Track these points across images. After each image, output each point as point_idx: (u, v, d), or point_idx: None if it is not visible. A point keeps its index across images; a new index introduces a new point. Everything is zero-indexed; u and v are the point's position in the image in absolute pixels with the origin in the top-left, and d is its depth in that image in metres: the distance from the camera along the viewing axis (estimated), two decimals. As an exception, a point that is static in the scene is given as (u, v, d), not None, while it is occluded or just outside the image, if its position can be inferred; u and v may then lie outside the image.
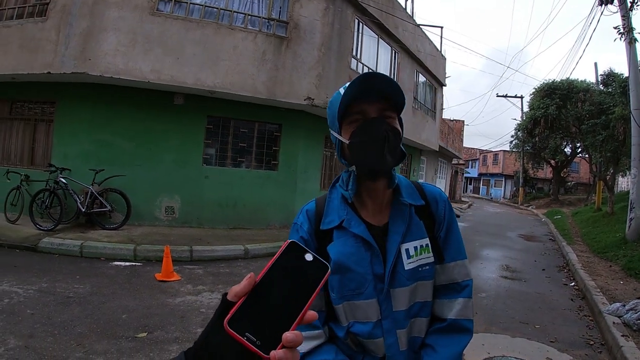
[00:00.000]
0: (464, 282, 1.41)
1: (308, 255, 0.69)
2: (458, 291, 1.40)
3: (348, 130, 1.30)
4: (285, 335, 0.59)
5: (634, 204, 10.58)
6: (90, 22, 8.61)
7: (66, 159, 9.28)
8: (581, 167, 43.56)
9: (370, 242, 1.32)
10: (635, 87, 10.86)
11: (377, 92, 1.26)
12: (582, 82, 23.78)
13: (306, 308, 0.64)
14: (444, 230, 1.43)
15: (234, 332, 0.59)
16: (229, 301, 0.63)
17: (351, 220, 1.35)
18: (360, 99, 1.26)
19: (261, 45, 9.73)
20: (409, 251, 1.33)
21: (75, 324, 4.29)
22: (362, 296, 1.31)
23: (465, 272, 1.43)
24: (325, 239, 1.37)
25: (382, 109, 1.28)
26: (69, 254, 7.06)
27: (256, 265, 7.48)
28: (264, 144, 10.99)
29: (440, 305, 1.40)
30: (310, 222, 1.41)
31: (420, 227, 1.37)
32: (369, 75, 1.23)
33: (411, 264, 1.33)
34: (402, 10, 14.76)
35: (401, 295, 1.32)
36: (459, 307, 1.38)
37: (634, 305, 5.63)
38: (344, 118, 1.30)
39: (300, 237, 1.39)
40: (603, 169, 19.02)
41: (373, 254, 1.32)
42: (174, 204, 9.94)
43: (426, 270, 1.35)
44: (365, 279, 1.31)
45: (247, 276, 0.65)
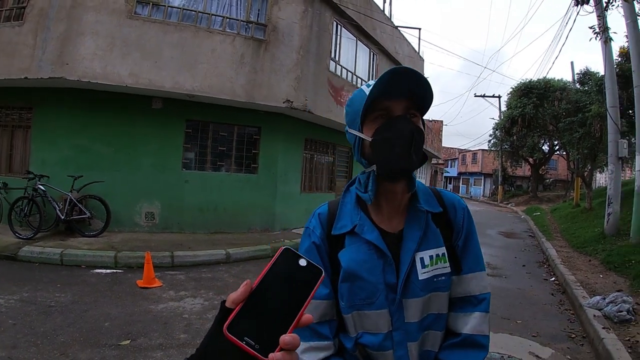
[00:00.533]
0: (481, 295, 1.34)
1: (302, 260, 0.71)
2: (474, 304, 1.33)
3: (371, 128, 1.24)
4: (283, 338, 0.62)
5: (611, 199, 10.79)
6: (68, 26, 8.51)
7: (44, 165, 9.14)
8: (559, 164, 44.13)
9: (383, 250, 1.26)
10: (611, 85, 11.08)
11: (402, 90, 1.20)
12: (558, 81, 24.10)
13: (302, 312, 0.66)
14: (463, 239, 1.37)
15: (233, 337, 0.62)
16: (228, 308, 0.66)
17: (364, 225, 1.30)
18: (385, 96, 1.21)
19: (239, 48, 9.71)
20: (423, 260, 1.27)
21: (58, 333, 4.24)
22: (372, 306, 1.25)
23: (484, 284, 1.36)
24: (337, 244, 1.32)
25: (407, 107, 1.23)
26: (49, 263, 6.96)
27: (238, 269, 7.46)
28: (244, 147, 10.95)
29: (455, 319, 1.33)
30: (323, 227, 1.35)
31: (437, 235, 1.31)
32: (401, 71, 1.16)
33: (426, 273, 1.26)
34: (380, 13, 14.86)
35: (414, 306, 1.25)
36: (475, 321, 1.30)
37: (614, 298, 5.75)
38: (366, 115, 1.24)
39: (312, 242, 1.33)
40: (580, 166, 19.31)
41: (386, 262, 1.26)
42: (154, 210, 9.86)
43: (442, 281, 1.29)
44: (377, 289, 1.25)
45: (244, 283, 0.67)
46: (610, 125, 11.08)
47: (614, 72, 11.33)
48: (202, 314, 5.10)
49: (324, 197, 13.00)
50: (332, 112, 11.69)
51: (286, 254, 0.73)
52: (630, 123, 12.72)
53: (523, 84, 25.13)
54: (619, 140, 10.87)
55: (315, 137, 12.82)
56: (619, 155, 10.86)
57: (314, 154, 12.98)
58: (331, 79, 11.79)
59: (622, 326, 5.21)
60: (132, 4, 8.92)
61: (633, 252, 8.53)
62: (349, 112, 1.31)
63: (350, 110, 1.30)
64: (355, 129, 1.28)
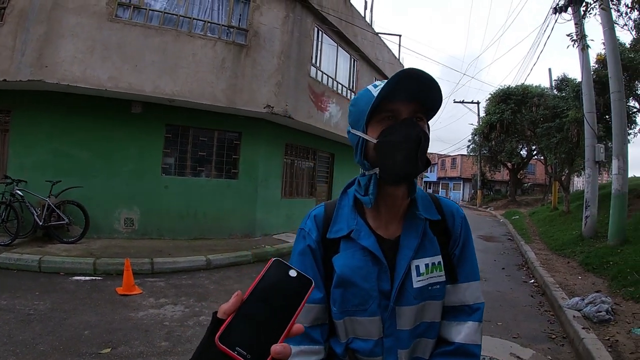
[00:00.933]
0: (475, 304, 1.33)
1: (292, 271, 0.72)
2: (468, 314, 1.32)
3: (376, 129, 1.20)
4: (274, 348, 0.63)
5: (589, 202, 11.01)
6: (48, 28, 8.38)
7: (22, 170, 8.97)
8: (537, 168, 44.80)
9: (378, 257, 1.24)
10: (588, 91, 11.30)
11: (414, 93, 1.17)
12: (536, 87, 24.45)
13: (292, 322, 0.67)
14: (459, 248, 1.35)
15: (225, 347, 0.63)
16: (219, 318, 0.67)
17: (361, 231, 1.27)
18: (393, 98, 1.17)
19: (221, 53, 9.68)
20: (419, 268, 1.25)
21: (38, 342, 4.16)
22: (365, 313, 1.23)
23: (478, 294, 1.36)
24: (332, 248, 1.29)
25: (414, 110, 1.19)
26: (27, 269, 6.84)
27: (219, 276, 7.41)
28: (224, 152, 10.90)
29: (448, 327, 1.32)
30: (318, 229, 1.32)
31: (434, 243, 1.29)
32: (412, 73, 1.13)
33: (420, 282, 1.24)
34: (361, 19, 14.95)
35: (407, 313, 1.24)
36: (468, 331, 1.29)
37: (593, 299, 5.87)
38: (372, 116, 1.20)
39: (307, 245, 1.30)
40: (558, 170, 19.59)
41: (381, 269, 1.24)
42: (133, 216, 9.74)
43: (436, 290, 1.27)
44: (370, 296, 1.23)
45: (235, 294, 0.68)
46: (587, 130, 11.29)
47: (591, 79, 11.55)
48: (183, 321, 5.05)
49: (304, 202, 13.02)
50: (312, 117, 11.71)
51: (276, 265, 0.73)
52: (607, 128, 13.00)
53: (501, 90, 25.47)
54: (595, 144, 11.08)
55: (296, 143, 12.82)
56: (596, 160, 11.08)
57: (294, 160, 12.98)
58: (312, 84, 11.81)
59: (601, 326, 5.31)
60: (113, 6, 8.83)
61: (611, 254, 8.70)
62: (352, 111, 1.28)
63: (355, 110, 1.27)
64: (359, 130, 1.24)
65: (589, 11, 9.03)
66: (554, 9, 10.83)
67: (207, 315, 5.31)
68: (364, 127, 1.22)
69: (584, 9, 9.07)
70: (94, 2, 8.69)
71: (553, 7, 10.93)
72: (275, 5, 10.43)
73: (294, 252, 1.34)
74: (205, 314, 5.37)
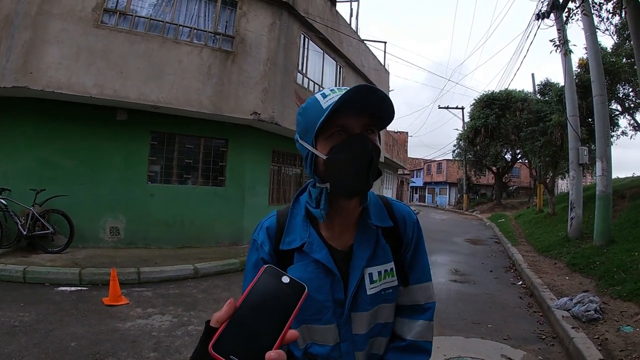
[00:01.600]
0: (426, 304, 1.38)
1: (285, 277, 0.73)
2: (420, 313, 1.37)
3: (326, 144, 1.18)
4: (268, 355, 0.63)
5: (573, 204, 11.20)
6: (33, 34, 8.26)
7: (6, 178, 8.80)
8: (521, 172, 45.33)
9: (331, 269, 1.24)
10: (570, 94, 11.50)
11: (365, 107, 1.14)
12: (520, 92, 24.79)
13: (287, 328, 0.67)
14: (411, 252, 1.38)
15: (219, 355, 0.63)
16: (212, 327, 0.67)
17: (313, 243, 1.26)
18: (344, 112, 1.13)
19: (207, 60, 9.64)
20: (372, 276, 1.27)
21: (23, 355, 4.09)
22: (320, 321, 1.25)
23: (429, 294, 1.39)
24: (286, 258, 1.28)
25: (366, 124, 1.18)
26: (11, 280, 6.69)
27: (207, 285, 7.34)
28: (211, 159, 10.84)
29: (401, 324, 1.36)
30: (271, 241, 1.31)
31: (386, 250, 1.31)
32: (364, 89, 1.10)
33: (374, 288, 1.26)
34: (347, 26, 15.03)
35: (362, 319, 1.26)
36: (420, 328, 1.34)
37: (581, 299, 5.96)
38: (321, 130, 1.16)
39: (260, 258, 1.29)
40: (543, 173, 19.85)
41: (334, 280, 1.25)
42: (119, 224, 9.63)
43: (389, 294, 1.30)
44: (325, 306, 1.24)
45: (228, 301, 0.68)
46: (570, 133, 11.48)
47: (573, 83, 11.76)
48: (171, 331, 4.99)
49: (292, 208, 12.96)
50: (299, 124, 11.67)
51: (269, 271, 0.74)
52: (590, 131, 13.20)
53: (485, 96, 25.78)
54: (579, 147, 11.29)
55: (283, 149, 12.80)
56: (579, 162, 11.28)
57: (281, 166, 12.95)
58: (298, 91, 11.81)
59: (590, 325, 5.39)
60: (99, 12, 8.75)
61: (597, 254, 8.84)
62: (300, 121, 1.24)
63: (303, 120, 1.23)
64: (308, 142, 1.21)
65: (572, 17, 9.17)
66: (537, 15, 10.95)
67: (195, 324, 5.26)
68: (313, 141, 1.19)
69: (566, 14, 9.19)
70: (80, 8, 8.60)
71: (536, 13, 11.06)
72: (261, 12, 10.44)
73: (248, 263, 1.35)
74: (194, 323, 5.31)
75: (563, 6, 10.19)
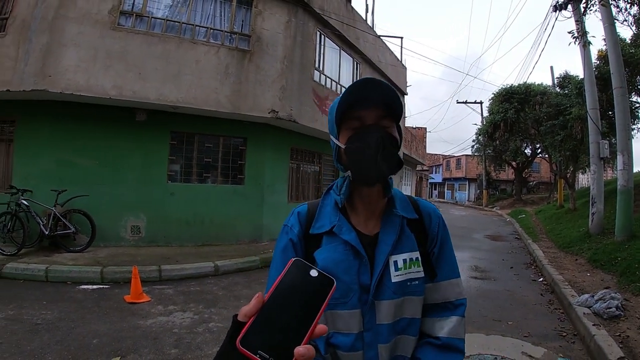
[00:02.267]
0: (457, 300, 1.38)
1: (313, 271, 0.72)
2: (451, 310, 1.37)
3: (345, 135, 1.29)
4: (297, 350, 0.62)
5: (595, 199, 10.98)
6: (50, 38, 8.40)
7: (27, 179, 8.98)
8: (542, 166, 44.65)
9: (359, 251, 1.28)
10: (590, 87, 11.29)
11: (374, 100, 1.25)
12: (539, 85, 24.48)
13: (315, 322, 0.66)
14: (437, 246, 1.40)
15: (247, 350, 0.62)
16: (240, 322, 0.67)
17: (342, 226, 1.32)
18: (358, 106, 1.25)
19: (224, 59, 9.69)
20: (397, 263, 1.29)
21: (46, 352, 4.15)
22: (345, 306, 1.26)
23: (459, 290, 1.40)
24: (314, 243, 1.34)
25: (379, 116, 1.26)
26: (34, 279, 6.83)
27: (227, 282, 7.40)
28: (230, 158, 10.91)
29: (431, 323, 1.36)
30: (301, 225, 1.37)
31: (411, 239, 1.34)
32: (365, 82, 1.22)
33: (399, 276, 1.28)
34: (363, 22, 14.97)
35: (386, 308, 1.27)
36: (452, 325, 1.34)
37: (602, 295, 5.85)
38: (342, 123, 1.29)
39: (289, 239, 1.35)
40: (563, 168, 19.59)
41: (361, 263, 1.28)
42: (140, 223, 9.75)
43: (415, 285, 1.31)
44: (351, 289, 1.26)
45: (256, 296, 0.68)
46: (591, 127, 11.27)
47: (593, 75, 11.54)
48: (192, 328, 5.04)
49: (311, 206, 12.98)
50: (317, 121, 11.71)
51: (297, 265, 0.73)
52: (610, 124, 12.96)
53: (504, 90, 25.49)
54: (600, 141, 11.06)
55: (301, 147, 12.82)
56: (600, 156, 11.05)
57: (300, 164, 12.97)
58: (315, 88, 11.82)
59: (612, 322, 5.30)
60: (115, 15, 8.86)
61: (618, 250, 8.66)
62: (329, 119, 1.36)
63: (330, 117, 1.34)
64: (334, 136, 1.33)
65: (589, 8, 9.04)
66: (554, 6, 10.82)
67: (216, 321, 5.30)
68: (337, 134, 1.32)
69: (584, 5, 9.07)
70: (96, 11, 8.72)
71: (553, 4, 10.92)
72: (277, 11, 10.46)
73: (277, 247, 1.40)
74: (214, 320, 5.36)
75: (580, -3, 10.07)
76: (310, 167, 13.64)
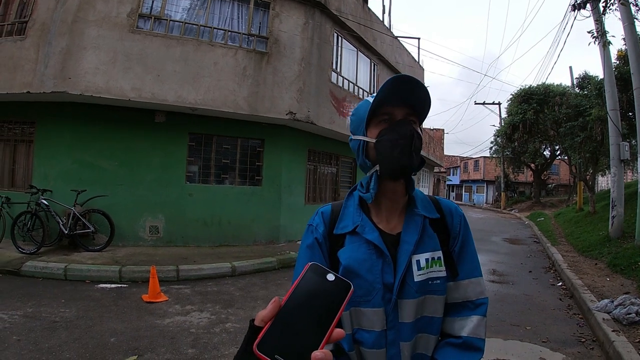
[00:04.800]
0: (478, 300, 1.38)
1: (330, 275, 0.72)
2: (472, 309, 1.36)
3: (375, 131, 1.32)
4: (315, 355, 0.62)
5: (615, 202, 10.80)
6: (70, 41, 8.54)
7: (47, 179, 9.15)
8: (561, 169, 44.12)
9: (382, 250, 1.29)
10: (610, 88, 11.12)
11: (406, 98, 1.28)
12: (558, 86, 24.18)
13: (332, 326, 0.66)
14: (459, 245, 1.41)
15: (264, 355, 0.62)
16: (257, 326, 0.67)
17: (365, 226, 1.34)
18: (389, 103, 1.29)
19: (242, 61, 9.75)
20: (419, 262, 1.30)
21: (64, 350, 4.20)
22: (369, 304, 1.28)
23: (480, 289, 1.40)
24: (338, 243, 1.36)
25: (407, 113, 1.31)
26: (53, 278, 6.93)
27: (244, 283, 7.42)
28: (247, 159, 10.95)
29: (452, 322, 1.36)
30: (326, 225, 1.39)
31: (433, 238, 1.35)
32: (403, 78, 1.25)
33: (421, 276, 1.29)
34: (380, 23, 14.94)
35: (408, 307, 1.28)
36: (473, 324, 1.34)
37: (622, 301, 5.75)
38: (371, 120, 1.33)
39: (315, 238, 1.38)
40: (583, 170, 19.29)
41: (385, 262, 1.29)
42: (158, 223, 9.84)
43: (436, 284, 1.32)
44: (374, 287, 1.28)
45: (272, 300, 0.68)
46: (611, 128, 11.10)
47: (612, 75, 11.36)
48: (210, 328, 5.07)
49: (327, 207, 12.98)
50: (334, 123, 11.72)
51: (313, 269, 0.73)
52: (631, 125, 12.72)
53: (523, 90, 25.21)
54: (620, 142, 10.87)
55: (319, 149, 12.83)
56: (621, 158, 10.87)
57: (317, 165, 12.98)
58: (333, 90, 11.82)
59: (631, 328, 5.22)
60: (134, 18, 8.98)
61: (639, 254, 8.50)
62: (353, 120, 1.40)
63: (355, 118, 1.39)
64: (360, 134, 1.36)
65: (608, 7, 8.91)
66: (573, 5, 10.67)
67: (233, 322, 5.33)
68: (364, 131, 1.34)
69: (603, 4, 8.93)
70: (115, 14, 8.84)
71: (572, 4, 10.78)
72: (294, 13, 10.49)
73: (302, 245, 1.41)
74: (231, 320, 5.38)
75: (599, -5, 9.92)
76: (327, 168, 13.63)
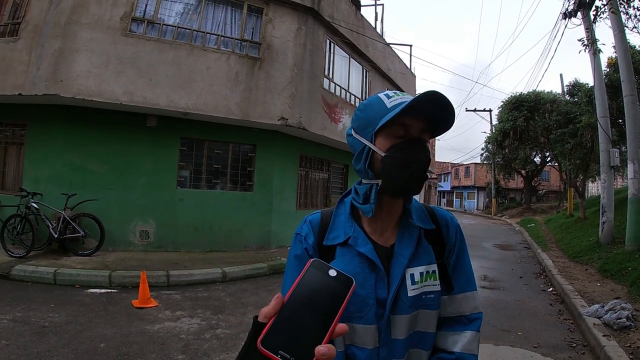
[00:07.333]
0: (472, 315, 1.33)
1: (332, 271, 0.72)
2: (465, 324, 1.31)
3: (385, 142, 1.19)
4: (318, 349, 0.63)
5: (605, 208, 10.89)
6: (63, 43, 8.50)
7: (37, 183, 9.07)
8: (551, 175, 44.36)
9: (376, 264, 1.22)
10: (600, 95, 11.23)
11: (428, 112, 1.16)
12: (548, 93, 24.31)
13: (335, 321, 0.67)
14: (454, 257, 1.34)
15: (268, 351, 0.63)
16: (260, 323, 0.67)
17: (358, 237, 1.26)
18: (408, 113, 1.14)
19: (234, 66, 9.75)
20: (414, 277, 1.23)
21: (53, 355, 4.18)
22: (361, 320, 1.21)
23: (475, 304, 1.35)
24: (328, 255, 1.27)
25: (423, 128, 1.20)
26: (42, 282, 6.87)
27: (235, 288, 7.40)
28: (239, 165, 10.93)
29: (445, 337, 1.30)
30: (315, 235, 1.30)
31: (429, 251, 1.28)
32: (435, 97, 1.11)
33: (415, 290, 1.22)
34: (372, 30, 15.02)
35: (401, 322, 1.22)
36: (466, 339, 1.29)
37: (613, 306, 5.80)
38: (383, 127, 1.18)
39: (304, 249, 1.29)
40: (573, 176, 19.46)
41: (378, 276, 1.22)
42: (149, 228, 9.79)
43: (430, 299, 1.25)
44: (367, 303, 1.21)
45: (275, 297, 0.69)
46: (601, 135, 11.20)
47: (603, 83, 11.49)
48: (200, 334, 5.05)
49: (319, 213, 12.98)
50: (326, 129, 11.74)
51: (316, 265, 0.73)
52: (621, 132, 12.88)
53: (514, 98, 25.37)
54: (610, 149, 10.99)
55: (310, 154, 12.84)
56: (611, 165, 10.97)
57: (309, 171, 12.98)
58: (325, 96, 11.85)
59: (622, 333, 5.26)
60: (127, 21, 8.96)
61: (629, 259, 8.59)
62: (360, 117, 1.26)
63: (363, 115, 1.24)
64: (366, 138, 1.23)
65: (599, 15, 9.02)
66: (564, 14, 10.80)
67: (224, 328, 5.31)
68: (373, 138, 1.21)
69: (593, 13, 9.04)
70: (108, 17, 8.82)
71: (562, 12, 10.90)
72: (287, 19, 10.52)
73: (290, 255, 1.33)
74: (222, 326, 5.36)
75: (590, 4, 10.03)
76: (319, 174, 13.64)
